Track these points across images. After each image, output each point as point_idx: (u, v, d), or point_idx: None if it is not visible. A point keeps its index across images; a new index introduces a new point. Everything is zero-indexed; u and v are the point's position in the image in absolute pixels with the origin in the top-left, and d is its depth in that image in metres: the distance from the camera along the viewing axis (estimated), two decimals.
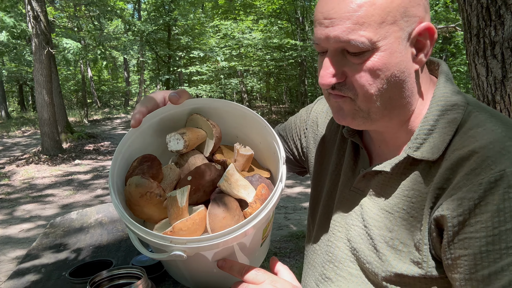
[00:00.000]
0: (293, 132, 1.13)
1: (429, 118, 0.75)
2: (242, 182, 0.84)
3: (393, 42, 0.69)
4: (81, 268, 1.12)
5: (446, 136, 0.73)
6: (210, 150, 0.93)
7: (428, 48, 0.74)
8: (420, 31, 0.71)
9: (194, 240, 0.72)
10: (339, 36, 0.69)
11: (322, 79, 0.74)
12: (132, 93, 31.68)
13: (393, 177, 0.79)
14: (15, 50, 13.69)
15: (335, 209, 0.91)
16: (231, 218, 0.78)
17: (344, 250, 0.86)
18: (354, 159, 0.90)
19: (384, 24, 0.68)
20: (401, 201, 0.77)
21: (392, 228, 0.77)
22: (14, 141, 13.30)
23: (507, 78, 1.82)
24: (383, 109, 0.74)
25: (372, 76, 0.70)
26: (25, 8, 9.38)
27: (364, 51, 0.69)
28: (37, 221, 5.45)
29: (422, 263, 0.72)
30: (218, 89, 20.29)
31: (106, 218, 1.71)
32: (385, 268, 0.76)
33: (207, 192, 0.87)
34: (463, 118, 0.73)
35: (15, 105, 29.77)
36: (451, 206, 0.66)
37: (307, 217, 1.06)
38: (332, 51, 0.73)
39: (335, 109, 0.80)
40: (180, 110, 0.92)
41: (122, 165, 0.87)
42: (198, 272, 0.92)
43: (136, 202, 0.80)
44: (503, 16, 1.78)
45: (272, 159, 0.97)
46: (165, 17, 19.21)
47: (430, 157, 0.73)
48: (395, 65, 0.70)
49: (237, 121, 0.97)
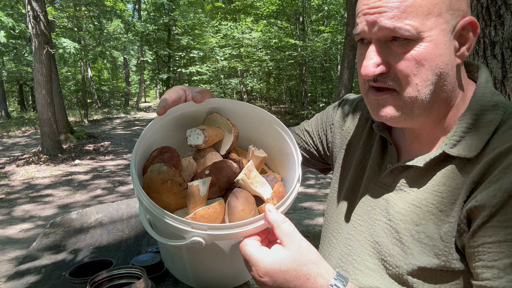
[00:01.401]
0: (319, 127, 1.14)
1: (468, 116, 0.75)
2: (260, 179, 0.86)
3: (438, 34, 0.70)
4: (81, 268, 1.12)
5: (484, 135, 0.72)
6: (227, 148, 0.95)
7: (471, 42, 0.74)
8: (464, 25, 0.72)
9: (215, 227, 0.73)
10: (385, 23, 0.69)
11: (365, 69, 0.73)
12: (132, 93, 31.68)
13: (423, 172, 0.79)
14: (15, 50, 13.69)
15: (358, 203, 0.91)
16: (248, 211, 0.81)
17: (364, 244, 0.86)
18: (381, 154, 0.90)
19: (431, 15, 0.69)
20: (431, 195, 0.76)
21: (420, 222, 0.77)
22: (14, 141, 13.29)
23: (507, 78, 1.82)
24: (426, 101, 0.74)
25: (417, 66, 0.71)
26: (25, 8, 9.38)
27: (410, 40, 0.70)
28: (36, 221, 5.45)
29: (447, 255, 0.72)
30: (218, 89, 20.31)
31: (106, 218, 1.71)
32: (408, 261, 0.76)
33: (221, 188, 0.88)
34: (502, 119, 0.73)
35: (15, 105, 29.77)
36: (485, 197, 0.66)
37: (324, 213, 1.06)
38: (376, 40, 0.73)
39: (374, 106, 0.79)
40: (201, 108, 0.95)
41: (141, 153, 0.89)
42: (202, 268, 0.93)
43: (156, 189, 0.81)
44: (503, 16, 1.78)
45: (285, 163, 0.98)
46: (165, 18, 19.20)
47: (466, 154, 0.72)
48: (439, 57, 0.71)
49: (253, 124, 0.99)
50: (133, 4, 27.03)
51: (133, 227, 1.61)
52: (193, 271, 0.94)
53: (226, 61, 17.92)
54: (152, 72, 24.78)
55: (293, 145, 0.92)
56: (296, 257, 0.70)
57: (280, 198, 0.83)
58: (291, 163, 0.94)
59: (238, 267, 0.93)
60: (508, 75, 1.81)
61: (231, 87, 20.16)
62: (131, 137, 13.59)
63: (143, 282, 0.90)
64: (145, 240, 1.46)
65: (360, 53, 0.78)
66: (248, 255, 0.72)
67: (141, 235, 1.51)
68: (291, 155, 0.93)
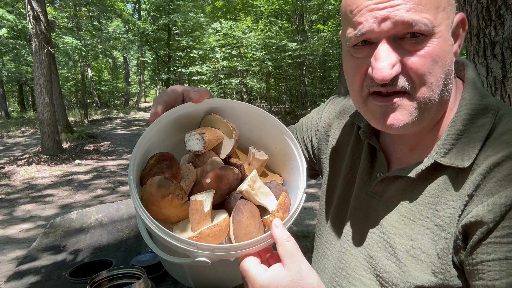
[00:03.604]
0: (304, 133, 1.10)
1: (458, 122, 0.71)
2: (264, 189, 0.83)
3: (445, 29, 0.66)
4: (81, 268, 1.12)
5: (476, 142, 0.68)
6: (227, 152, 0.91)
7: (461, 38, 0.71)
8: (458, 21, 0.70)
9: (221, 248, 0.71)
10: (403, 16, 0.63)
11: (381, 72, 0.64)
12: (132, 93, 31.67)
13: (416, 182, 0.75)
14: (15, 50, 13.68)
15: (350, 214, 0.87)
16: (254, 226, 0.78)
17: (358, 257, 0.82)
18: (370, 162, 0.86)
19: (439, 9, 0.65)
20: (425, 208, 0.72)
21: (415, 237, 0.73)
22: (14, 141, 13.29)
23: (507, 78, 1.82)
24: (436, 103, 0.69)
25: (433, 63, 0.65)
26: (25, 8, 9.38)
27: (424, 36, 0.64)
28: (37, 221, 5.45)
29: (444, 273, 0.69)
30: (218, 89, 20.30)
31: (106, 218, 1.71)
32: (405, 279, 0.72)
33: (223, 195, 0.86)
34: (494, 123, 0.70)
35: (15, 105, 29.76)
36: (481, 212, 0.63)
37: (316, 220, 1.03)
38: (387, 38, 0.65)
39: (379, 114, 0.70)
40: (198, 108, 0.91)
41: (139, 160, 0.86)
42: (201, 272, 0.92)
43: (156, 202, 0.78)
44: (503, 16, 1.78)
45: (286, 165, 0.96)
46: (165, 18, 19.21)
47: (459, 164, 0.68)
48: (448, 53, 0.67)
49: (254, 124, 0.96)
50: (133, 4, 27.03)
51: (133, 227, 1.61)
52: (191, 273, 0.94)
53: (226, 61, 17.91)
54: (152, 72, 24.77)
55: (296, 149, 0.88)
56: (294, 278, 0.67)
57: (286, 210, 0.81)
58: (294, 169, 0.91)
59: (237, 268, 0.93)
60: (508, 75, 1.81)
61: (231, 87, 20.15)
62: (131, 137, 13.60)
63: (143, 282, 0.90)
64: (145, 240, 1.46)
65: (358, 56, 0.70)
66: (246, 270, 0.70)
67: (141, 235, 1.51)
68: (294, 160, 0.90)
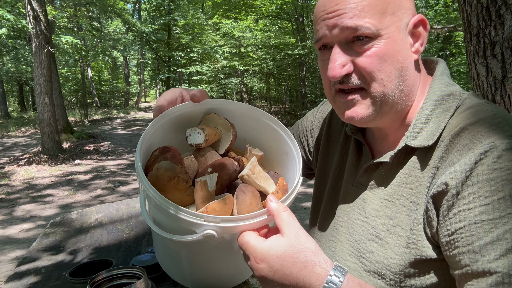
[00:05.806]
0: (300, 134, 1.17)
1: (426, 108, 0.79)
2: (264, 174, 0.88)
3: (394, 31, 0.75)
4: (81, 268, 1.12)
5: (441, 123, 0.76)
6: (226, 147, 0.97)
7: (423, 37, 0.79)
8: (416, 21, 0.78)
9: (228, 219, 0.73)
10: (346, 23, 0.73)
11: (332, 71, 0.76)
12: (132, 93, 31.67)
13: (392, 167, 0.82)
14: (15, 50, 13.69)
15: (339, 206, 0.93)
16: (256, 205, 0.83)
17: (345, 244, 0.88)
18: (357, 156, 0.93)
19: (386, 14, 0.74)
20: (400, 188, 0.79)
21: (394, 215, 0.79)
22: (14, 141, 13.29)
23: (507, 78, 1.82)
24: (392, 97, 0.77)
25: (380, 62, 0.74)
26: (25, 8, 9.38)
27: (370, 38, 0.74)
28: (37, 221, 5.45)
29: (416, 243, 0.73)
30: (218, 89, 20.30)
31: (106, 218, 1.71)
32: (387, 255, 0.77)
33: (223, 185, 0.90)
34: (457, 106, 0.77)
35: (15, 105, 29.78)
36: (445, 181, 0.68)
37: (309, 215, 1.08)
38: (338, 42, 0.76)
39: (343, 109, 0.81)
40: (198, 108, 0.96)
41: (143, 153, 0.89)
42: (200, 267, 0.93)
43: (162, 186, 0.81)
44: (503, 16, 1.78)
45: (282, 161, 1.00)
46: (165, 18, 19.20)
47: (425, 143, 0.76)
48: (399, 52, 0.76)
49: (250, 124, 1.01)
50: (133, 4, 27.03)
51: (133, 227, 1.61)
52: (191, 271, 0.94)
53: (226, 61, 17.90)
54: (152, 72, 24.78)
55: (291, 141, 0.94)
56: (293, 243, 0.70)
57: (285, 191, 0.86)
58: (290, 159, 0.95)
59: (237, 266, 0.94)
60: (508, 75, 1.81)
61: (231, 87, 20.15)
62: (131, 137, 13.60)
63: (143, 282, 0.90)
64: (145, 240, 1.46)
65: (322, 59, 0.81)
66: (246, 243, 0.73)
67: (141, 235, 1.51)
68: (289, 151, 0.95)
